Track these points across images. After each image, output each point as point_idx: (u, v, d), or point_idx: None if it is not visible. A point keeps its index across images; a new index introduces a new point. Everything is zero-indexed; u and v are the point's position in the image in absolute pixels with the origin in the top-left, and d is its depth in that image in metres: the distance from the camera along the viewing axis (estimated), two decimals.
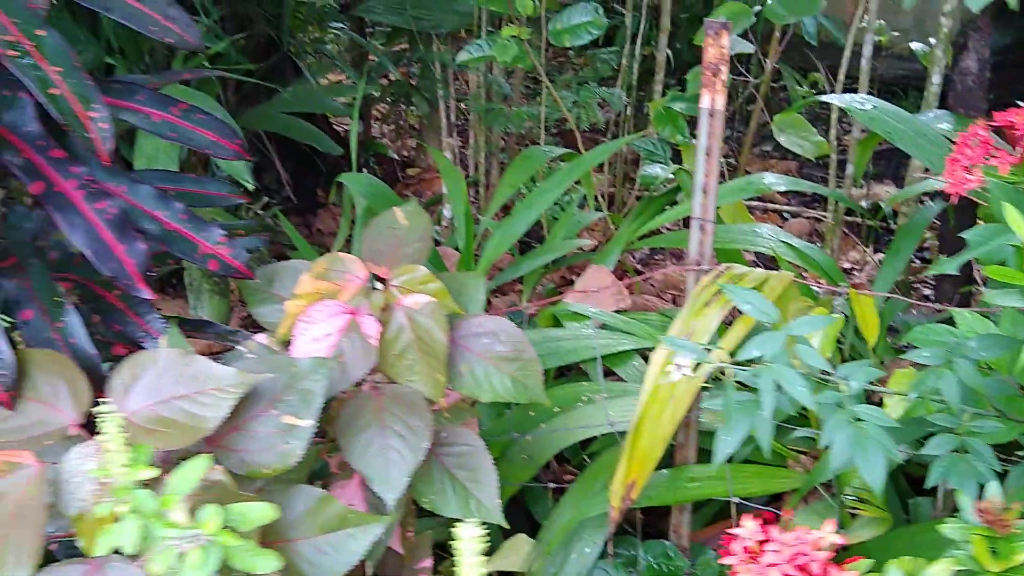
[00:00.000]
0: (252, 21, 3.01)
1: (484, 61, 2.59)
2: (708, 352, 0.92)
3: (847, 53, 2.57)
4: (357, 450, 1.18)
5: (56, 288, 1.15)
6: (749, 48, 2.47)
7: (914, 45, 2.67)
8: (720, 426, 1.58)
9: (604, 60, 2.98)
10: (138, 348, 1.27)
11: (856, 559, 0.68)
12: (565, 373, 2.09)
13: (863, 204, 3.00)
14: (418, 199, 3.26)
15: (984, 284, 2.25)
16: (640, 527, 1.66)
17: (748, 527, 0.68)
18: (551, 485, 1.74)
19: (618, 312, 2.06)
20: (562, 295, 2.25)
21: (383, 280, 1.30)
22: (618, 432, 1.63)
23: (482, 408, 1.82)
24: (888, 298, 1.92)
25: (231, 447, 1.05)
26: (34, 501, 0.95)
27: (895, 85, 4.07)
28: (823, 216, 3.25)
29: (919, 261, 2.99)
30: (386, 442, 1.18)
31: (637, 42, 3.04)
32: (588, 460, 1.92)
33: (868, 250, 2.94)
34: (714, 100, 1.39)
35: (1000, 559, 0.79)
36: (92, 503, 0.97)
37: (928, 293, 2.82)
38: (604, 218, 2.76)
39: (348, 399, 1.26)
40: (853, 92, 2.25)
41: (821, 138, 2.45)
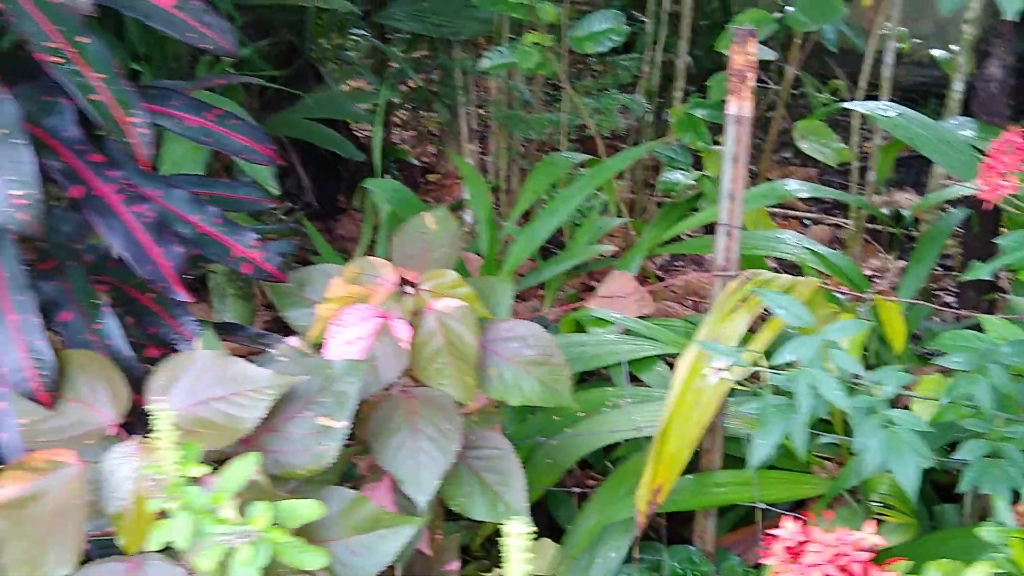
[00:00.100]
0: (275, 28, 3.03)
1: (506, 68, 2.61)
2: (743, 356, 0.93)
3: (868, 60, 2.58)
4: (388, 452, 1.19)
5: (93, 291, 1.17)
6: (771, 55, 2.48)
7: (936, 52, 2.67)
8: (747, 431, 1.59)
9: (625, 67, 2.98)
10: (171, 350, 1.28)
11: (896, 560, 0.68)
12: (586, 379, 2.09)
13: (884, 211, 3.00)
14: (438, 205, 3.27)
15: (1007, 291, 2.24)
16: (664, 532, 1.67)
17: (788, 528, 0.69)
18: (575, 490, 1.75)
19: (641, 318, 2.07)
20: (584, 301, 2.26)
21: (413, 284, 1.31)
22: (644, 437, 1.64)
23: (504, 413, 1.83)
24: (912, 305, 1.91)
25: (266, 448, 1.07)
26: (75, 500, 0.97)
27: (914, 92, 4.06)
28: (844, 223, 3.24)
29: (940, 269, 2.98)
30: (417, 444, 1.19)
31: (657, 49, 3.05)
32: (611, 466, 1.93)
33: (890, 257, 2.93)
34: (741, 106, 1.40)
35: None
36: (132, 502, 0.99)
37: (950, 300, 2.81)
38: (625, 224, 2.77)
39: (378, 402, 1.27)
40: (873, 99, 2.25)
41: (843, 145, 2.45)
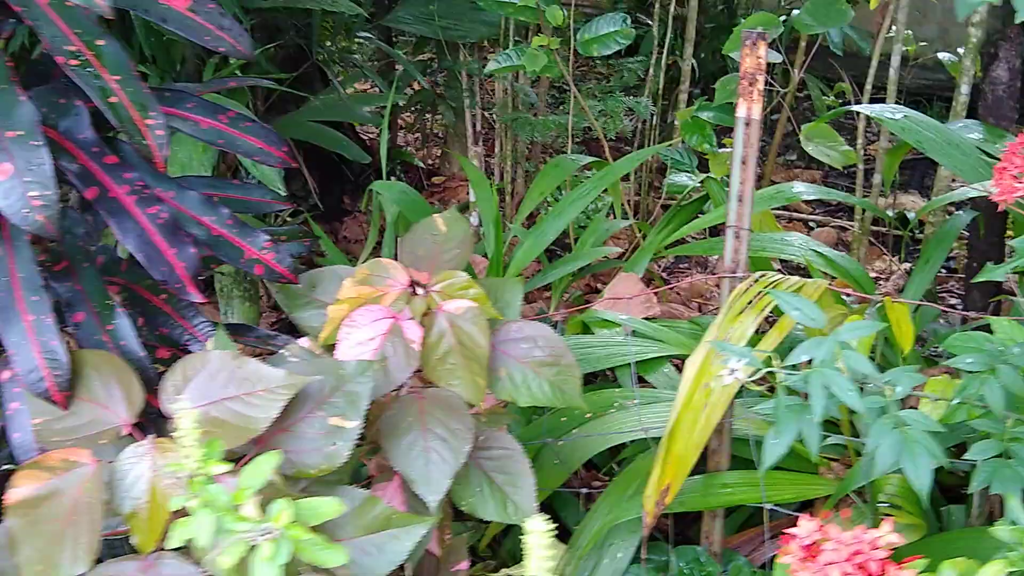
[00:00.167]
0: (281, 30, 3.04)
1: (512, 71, 2.62)
2: (757, 358, 0.93)
3: (874, 63, 2.58)
4: (400, 452, 1.20)
5: (106, 291, 1.17)
6: (777, 58, 2.49)
7: (942, 55, 2.68)
8: (754, 432, 1.60)
9: (631, 69, 2.99)
10: (182, 351, 1.29)
11: (914, 558, 0.69)
12: (592, 380, 2.10)
13: (889, 214, 3.00)
14: (443, 207, 3.28)
15: (1015, 294, 2.25)
16: (671, 533, 1.67)
17: (805, 526, 0.69)
18: (582, 490, 1.76)
19: (647, 320, 2.07)
20: (590, 303, 2.27)
21: (423, 285, 1.32)
22: (651, 438, 1.64)
23: (509, 414, 1.83)
24: (918, 307, 1.92)
25: (279, 447, 1.07)
26: (91, 498, 0.98)
27: (919, 95, 4.07)
28: (849, 226, 3.25)
29: (944, 271, 2.99)
30: (428, 444, 1.20)
31: (663, 52, 3.06)
32: (616, 468, 1.93)
33: (894, 260, 2.93)
34: (750, 109, 1.41)
35: None
36: (146, 501, 0.99)
37: (954, 303, 2.82)
38: (630, 226, 2.78)
39: (388, 402, 1.28)
40: (879, 102, 2.25)
41: (849, 148, 2.46)
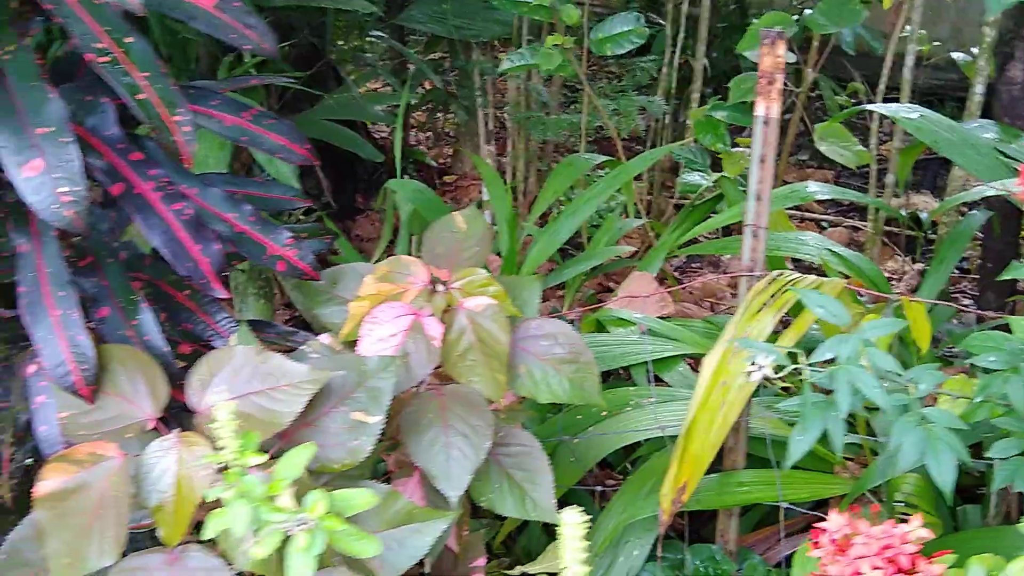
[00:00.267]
0: (295, 29, 3.05)
1: (526, 70, 2.62)
2: (783, 354, 0.94)
3: (888, 62, 2.58)
4: (421, 448, 1.20)
5: (131, 287, 1.18)
6: (790, 58, 2.49)
7: (956, 55, 2.68)
8: (770, 431, 1.60)
9: (644, 68, 3.00)
10: (203, 347, 1.30)
11: (942, 553, 0.69)
12: (605, 378, 2.10)
13: (902, 214, 3.00)
14: (455, 205, 3.29)
15: None
16: (686, 532, 1.67)
17: (835, 520, 0.70)
18: (598, 488, 1.76)
19: (661, 319, 2.08)
20: (603, 302, 2.27)
21: (443, 282, 1.32)
22: (666, 437, 1.65)
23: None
24: (932, 307, 1.92)
25: (302, 442, 1.08)
26: (118, 491, 0.99)
27: (931, 95, 4.06)
28: (861, 226, 3.25)
29: (956, 272, 2.98)
30: (449, 440, 1.21)
31: (676, 51, 3.07)
32: (630, 467, 1.94)
33: (907, 260, 2.93)
34: (769, 108, 1.41)
35: None
36: (172, 494, 1.00)
37: (966, 303, 2.81)
38: (643, 226, 2.78)
39: (407, 399, 1.29)
40: (892, 102, 2.25)
41: (862, 148, 2.46)
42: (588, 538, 1.69)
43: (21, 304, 1.07)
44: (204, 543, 1.03)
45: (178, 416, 1.16)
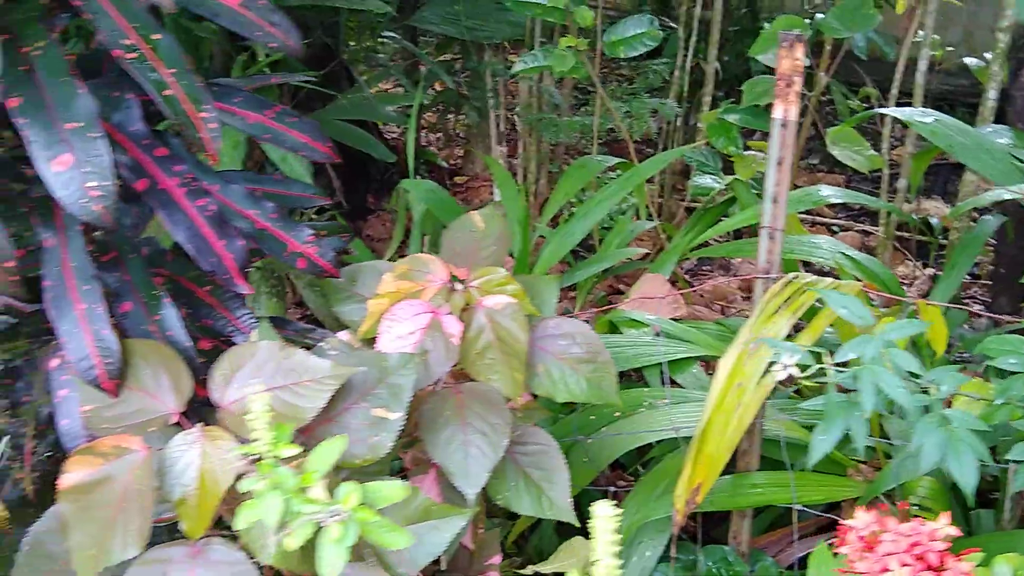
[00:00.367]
0: (309, 29, 3.07)
1: (538, 71, 2.63)
2: (807, 354, 0.94)
3: (900, 67, 2.58)
4: (439, 445, 1.21)
5: (153, 282, 1.19)
6: (804, 62, 2.49)
7: (969, 60, 2.68)
8: (784, 433, 1.61)
9: (656, 71, 3.00)
10: (225, 343, 1.30)
11: (970, 551, 0.70)
12: (618, 379, 2.10)
13: (914, 218, 3.00)
14: (466, 207, 3.30)
15: None
16: (698, 533, 1.68)
17: (862, 518, 0.70)
18: (612, 489, 1.76)
19: (674, 320, 2.08)
20: (614, 303, 2.28)
21: (462, 281, 1.33)
22: (678, 438, 1.65)
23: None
24: (946, 311, 1.92)
25: (323, 438, 1.08)
26: (142, 485, 0.99)
27: (942, 100, 4.06)
28: (873, 230, 3.25)
29: (967, 277, 2.98)
30: (467, 438, 1.21)
31: (688, 54, 3.07)
32: (642, 468, 1.94)
33: (918, 265, 2.93)
34: (787, 111, 1.42)
35: None
36: (195, 488, 1.01)
37: (977, 308, 2.81)
38: (654, 228, 2.79)
39: (425, 396, 1.29)
40: (904, 107, 2.25)
41: (875, 152, 2.46)
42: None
43: (46, 298, 1.08)
44: (227, 537, 1.04)
45: (199, 411, 1.17)
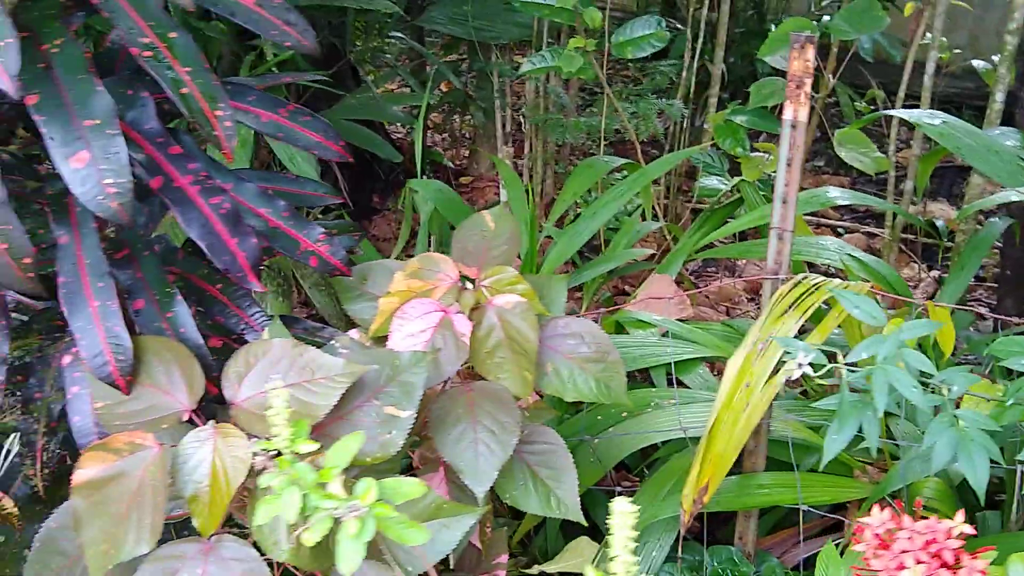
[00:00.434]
0: (316, 29, 3.07)
1: (546, 72, 2.63)
2: (821, 354, 0.95)
3: (908, 69, 2.59)
4: (449, 443, 1.21)
5: (166, 280, 1.20)
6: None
7: (976, 63, 2.68)
8: (791, 433, 1.61)
9: (664, 72, 3.01)
10: (236, 341, 1.31)
11: (985, 549, 0.70)
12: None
13: (921, 221, 3.00)
14: (471, 207, 3.30)
15: None
16: (704, 534, 1.68)
17: (877, 516, 0.70)
18: (618, 489, 1.77)
19: (680, 321, 2.08)
20: (620, 304, 2.28)
21: (472, 280, 1.33)
22: (684, 439, 1.66)
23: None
24: (953, 313, 1.92)
25: (335, 435, 1.08)
26: (155, 481, 1.00)
27: (947, 103, 4.06)
28: (877, 232, 3.25)
29: (972, 279, 2.98)
30: (477, 436, 1.22)
31: (695, 55, 3.07)
32: (646, 471, 1.95)
33: (923, 267, 2.94)
34: (797, 112, 1.42)
35: None
36: (208, 484, 1.01)
37: (982, 311, 2.81)
38: (660, 229, 2.79)
39: (434, 394, 1.30)
40: (912, 109, 2.26)
41: (881, 154, 2.46)
42: (606, 539, 1.70)
43: (60, 294, 1.08)
44: (238, 533, 1.04)
45: (209, 408, 1.17)
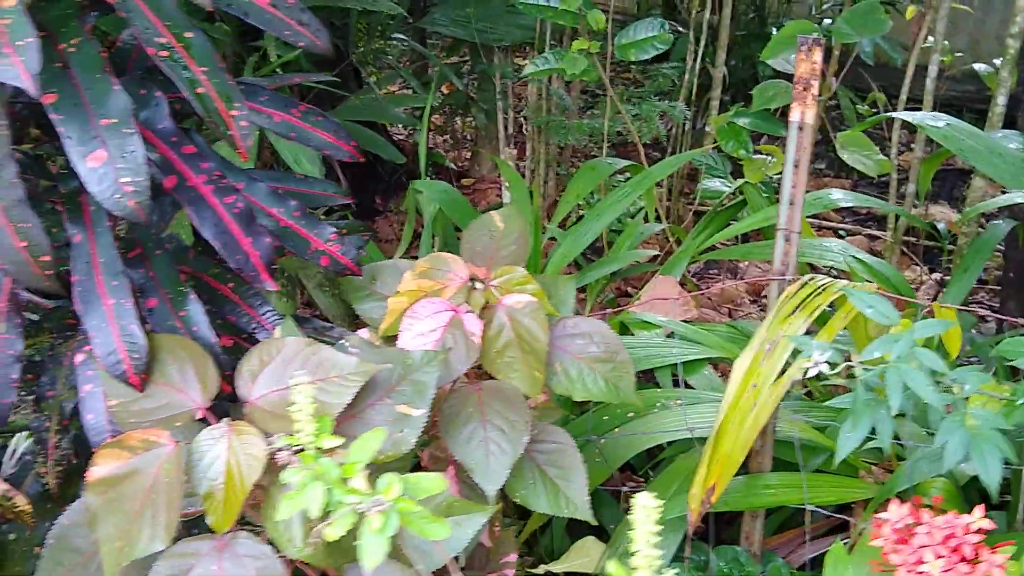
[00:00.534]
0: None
1: (549, 74, 2.64)
2: (836, 352, 0.95)
3: (909, 72, 2.60)
4: (459, 442, 1.22)
5: (179, 278, 1.20)
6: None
7: (978, 66, 2.69)
8: (798, 434, 1.62)
9: (666, 75, 3.02)
10: (247, 340, 1.31)
11: (1004, 544, 0.71)
12: None
13: (923, 223, 3.01)
14: (473, 209, 3.30)
15: None
16: (709, 534, 1.69)
17: (896, 511, 0.71)
18: (623, 489, 1.78)
19: (685, 322, 2.09)
20: (623, 305, 2.29)
21: (482, 280, 1.34)
22: (690, 439, 1.66)
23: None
24: (958, 314, 1.93)
25: (348, 434, 1.09)
26: (170, 478, 1.00)
27: (948, 107, 4.07)
28: (878, 235, 3.26)
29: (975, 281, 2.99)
30: (487, 435, 1.22)
31: (697, 58, 3.08)
32: (651, 472, 1.95)
33: (925, 270, 2.95)
34: (804, 114, 1.43)
35: None
36: (222, 482, 1.02)
37: (984, 313, 2.82)
38: (663, 230, 2.80)
39: (446, 393, 1.30)
40: (915, 111, 2.27)
41: (883, 157, 2.47)
42: (612, 539, 1.71)
43: (75, 293, 1.08)
44: (252, 530, 1.05)
45: (221, 406, 1.18)
